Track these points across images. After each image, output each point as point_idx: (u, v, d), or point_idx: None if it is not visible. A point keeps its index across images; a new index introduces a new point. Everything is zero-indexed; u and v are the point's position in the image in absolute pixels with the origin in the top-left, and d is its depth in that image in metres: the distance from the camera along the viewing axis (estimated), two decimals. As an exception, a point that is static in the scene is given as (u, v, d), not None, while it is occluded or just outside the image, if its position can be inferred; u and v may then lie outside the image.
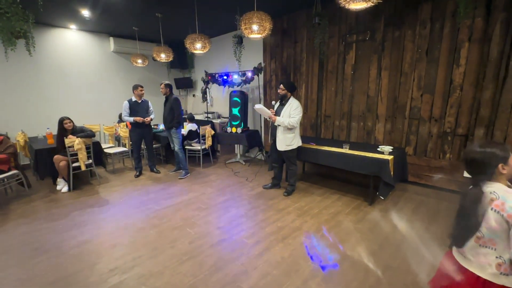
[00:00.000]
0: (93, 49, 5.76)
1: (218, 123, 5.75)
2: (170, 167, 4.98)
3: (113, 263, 2.21)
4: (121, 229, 2.79)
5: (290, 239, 2.57)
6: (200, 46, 3.77)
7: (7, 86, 4.78)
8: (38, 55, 4.80)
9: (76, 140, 3.69)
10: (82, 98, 5.71)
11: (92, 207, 3.32)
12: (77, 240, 2.58)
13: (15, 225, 2.88)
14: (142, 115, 4.26)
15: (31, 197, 3.64)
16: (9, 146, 3.44)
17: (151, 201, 3.48)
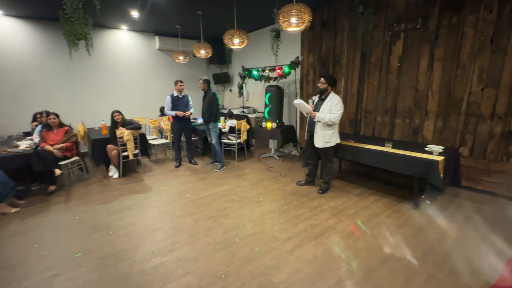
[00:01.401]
0: (140, 48, 6.22)
1: (253, 117, 5.80)
2: (207, 159, 5.20)
3: (155, 246, 2.40)
4: (162, 214, 3.01)
5: (323, 238, 2.50)
6: (238, 42, 3.82)
7: (70, 83, 5.44)
8: (94, 54, 5.35)
9: (125, 131, 4.05)
10: (130, 93, 6.23)
11: (138, 193, 3.64)
12: (124, 221, 2.85)
13: (75, 204, 3.30)
14: (182, 109, 4.50)
15: (88, 181, 4.13)
16: (72, 136, 3.93)
17: (189, 190, 3.68)
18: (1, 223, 2.85)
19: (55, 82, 5.30)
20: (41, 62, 5.12)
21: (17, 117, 4.91)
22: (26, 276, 2.04)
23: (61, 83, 5.36)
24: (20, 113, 4.91)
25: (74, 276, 2.04)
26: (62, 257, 2.26)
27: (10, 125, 4.84)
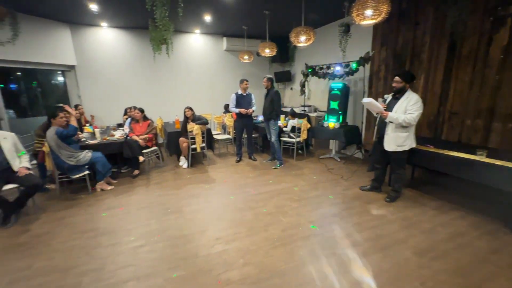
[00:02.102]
0: (210, 49, 6.72)
1: (315, 116, 5.64)
2: (266, 156, 5.30)
3: (218, 234, 2.58)
4: (224, 205, 3.21)
5: (391, 250, 2.27)
6: (304, 39, 3.75)
7: (153, 82, 6.27)
8: (172, 57, 6.00)
9: (195, 126, 4.45)
10: (199, 91, 6.81)
11: (203, 183, 3.97)
12: (192, 207, 3.15)
13: (154, 188, 3.80)
14: (245, 106, 4.68)
15: (163, 168, 4.70)
16: (153, 128, 4.54)
17: (248, 185, 3.83)
18: (100, 198, 3.49)
19: (141, 81, 6.18)
20: (131, 65, 6.04)
21: (113, 111, 5.91)
22: (118, 243, 2.45)
23: (145, 83, 6.22)
24: (115, 108, 5.90)
25: (153, 249, 2.35)
26: (144, 232, 2.63)
27: (107, 118, 5.88)
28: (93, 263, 2.17)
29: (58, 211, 3.11)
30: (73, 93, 5.75)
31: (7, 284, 1.95)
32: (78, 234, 2.61)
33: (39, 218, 2.95)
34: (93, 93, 5.84)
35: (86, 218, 2.93)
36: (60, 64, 5.30)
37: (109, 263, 2.16)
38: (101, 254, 2.29)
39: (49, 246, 2.42)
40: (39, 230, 2.69)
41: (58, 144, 3.25)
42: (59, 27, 5.18)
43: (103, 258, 2.24)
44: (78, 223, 2.83)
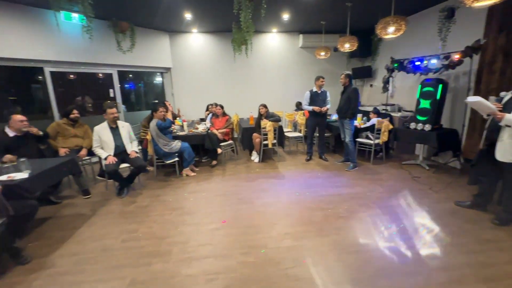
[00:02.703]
0: (285, 47, 6.79)
1: (398, 117, 5.02)
2: (337, 157, 5.04)
3: (287, 229, 2.61)
4: (293, 202, 3.22)
5: (499, 284, 1.84)
6: (393, 30, 3.37)
7: (231, 81, 6.77)
8: (250, 56, 6.32)
9: (268, 123, 4.60)
10: (272, 88, 6.98)
11: (273, 178, 4.08)
12: (262, 200, 3.28)
13: (228, 178, 4.13)
14: (319, 104, 4.55)
15: (237, 161, 5.05)
16: (230, 123, 4.92)
17: (318, 185, 3.73)
18: (185, 182, 4.02)
19: (221, 80, 6.77)
20: (213, 66, 6.67)
21: (197, 106, 6.67)
22: (199, 223, 2.78)
23: (225, 81, 6.79)
24: (198, 104, 6.64)
25: (227, 233, 2.58)
26: (220, 217, 2.91)
27: (192, 113, 6.67)
28: (180, 237, 2.53)
29: (155, 189, 3.75)
30: (168, 91, 6.77)
31: (122, 241, 2.48)
32: (169, 210, 3.09)
33: (142, 193, 3.62)
34: (183, 91, 6.73)
35: (175, 198, 3.44)
36: (160, 66, 6.31)
37: (192, 239, 2.48)
38: (186, 230, 2.65)
39: (149, 217, 2.95)
40: (142, 203, 3.31)
41: (157, 133, 3.90)
42: (161, 36, 6.16)
43: (187, 234, 2.58)
44: (169, 201, 3.35)
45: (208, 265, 2.12)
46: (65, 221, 2.90)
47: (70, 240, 2.52)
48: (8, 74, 4.80)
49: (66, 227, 2.75)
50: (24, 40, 4.20)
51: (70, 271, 2.09)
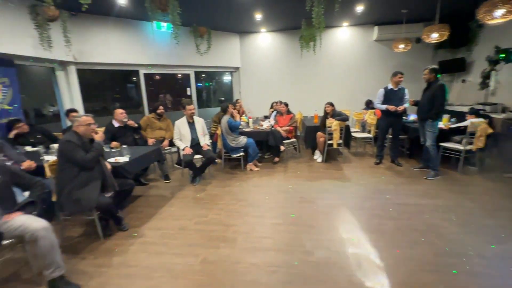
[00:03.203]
0: (356, 41, 6.35)
1: (501, 118, 4.12)
2: (414, 162, 4.48)
3: (351, 234, 2.48)
4: (359, 207, 3.03)
5: None
6: (502, 13, 2.77)
7: (296, 78, 6.73)
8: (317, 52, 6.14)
9: (334, 122, 4.42)
10: (340, 86, 6.64)
11: (337, 179, 3.90)
12: (325, 201, 3.19)
13: (290, 176, 4.15)
14: (395, 103, 4.11)
15: (299, 159, 5.02)
16: (294, 121, 4.92)
17: (389, 192, 3.40)
18: (249, 176, 4.23)
19: (287, 78, 6.80)
20: (279, 64, 6.75)
21: (261, 104, 6.88)
22: (262, 216, 2.90)
23: (290, 79, 6.79)
24: (263, 101, 6.84)
25: (289, 230, 2.61)
26: (282, 212, 2.96)
27: (257, 110, 6.91)
28: (244, 227, 2.69)
29: (223, 180, 4.07)
30: (235, 89, 7.19)
31: (195, 223, 2.79)
32: (235, 200, 3.31)
33: (211, 182, 3.98)
34: (249, 89, 7.04)
35: (240, 190, 3.66)
36: (230, 66, 6.75)
37: (255, 231, 2.61)
38: (250, 221, 2.81)
39: (217, 204, 3.23)
40: (211, 192, 3.64)
41: (227, 130, 4.21)
42: (232, 37, 6.57)
43: (251, 224, 2.73)
44: (235, 192, 3.59)
45: (270, 257, 2.20)
46: (152, 200, 3.43)
47: (155, 216, 2.97)
48: (112, 76, 5.92)
49: (152, 205, 3.26)
50: (125, 48, 5.09)
51: (156, 242, 2.48)
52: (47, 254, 1.81)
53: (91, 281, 1.98)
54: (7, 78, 3.63)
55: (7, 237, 1.79)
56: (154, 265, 2.15)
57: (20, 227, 1.79)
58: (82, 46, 4.55)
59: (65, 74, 4.67)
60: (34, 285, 1.96)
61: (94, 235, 2.58)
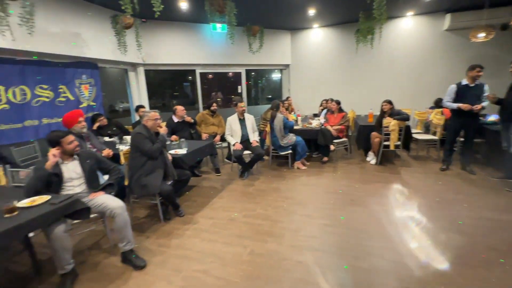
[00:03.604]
0: (422, 32, 5.67)
1: None
2: (491, 171, 3.83)
3: (411, 246, 2.26)
4: (417, 217, 2.73)
5: None
6: None
7: (350, 74, 6.37)
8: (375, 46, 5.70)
9: (392, 121, 4.06)
10: (401, 82, 6.04)
11: (394, 184, 3.59)
12: (378, 207, 2.96)
13: (340, 177, 3.97)
14: (471, 101, 3.56)
15: (349, 160, 4.77)
16: (346, 120, 4.68)
17: (459, 203, 2.98)
18: (296, 174, 4.19)
19: (339, 74, 6.48)
20: (331, 60, 6.46)
21: (311, 102, 6.71)
22: (309, 215, 2.85)
23: (343, 75, 6.46)
24: (313, 99, 6.66)
25: (337, 232, 2.51)
26: (330, 214, 2.86)
27: (306, 107, 6.77)
28: (291, 224, 2.69)
29: (270, 177, 4.12)
30: (285, 87, 7.16)
31: (244, 216, 2.90)
32: (282, 198, 3.33)
33: (259, 178, 4.07)
34: (298, 86, 6.94)
35: (287, 187, 3.66)
36: (280, 64, 6.75)
37: (303, 229, 2.58)
38: (297, 219, 2.79)
39: (264, 200, 3.29)
40: (259, 187, 3.72)
41: (281, 128, 4.20)
42: (283, 34, 6.54)
43: (298, 223, 2.71)
44: (282, 189, 3.61)
45: (318, 257, 2.15)
46: (204, 191, 3.68)
47: (207, 206, 3.18)
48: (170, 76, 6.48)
49: (205, 195, 3.49)
50: (184, 49, 5.52)
51: (208, 230, 2.66)
52: (121, 230, 2.10)
53: (154, 258, 2.24)
54: (92, 79, 4.29)
55: (93, 212, 2.13)
56: (206, 251, 2.31)
57: (102, 204, 2.12)
58: (149, 49, 5.09)
59: (135, 75, 5.30)
60: (111, 255, 2.30)
61: (156, 218, 2.90)
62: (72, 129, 2.76)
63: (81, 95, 4.13)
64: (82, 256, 2.31)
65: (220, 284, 1.92)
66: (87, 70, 4.18)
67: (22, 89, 3.36)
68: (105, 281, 1.99)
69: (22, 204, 1.72)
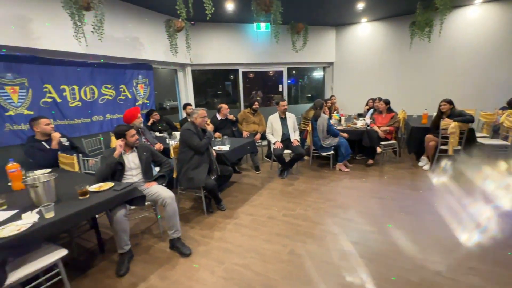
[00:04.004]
0: (493, 21, 4.95)
1: None
2: None
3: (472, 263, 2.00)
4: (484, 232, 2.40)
5: None
6: None
7: (402, 72, 5.89)
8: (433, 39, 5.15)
9: (452, 123, 3.64)
10: (464, 80, 5.37)
11: (452, 193, 3.22)
12: (434, 216, 2.68)
13: (387, 182, 3.71)
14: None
15: (398, 164, 4.41)
16: (396, 121, 4.34)
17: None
18: (338, 176, 4.03)
19: (389, 72, 6.03)
20: (381, 56, 6.04)
21: (355, 101, 6.37)
22: (351, 220, 2.72)
23: (393, 73, 5.99)
24: (357, 98, 6.31)
25: (384, 241, 2.35)
26: (375, 220, 2.69)
27: (349, 107, 6.45)
28: (333, 227, 2.60)
29: (310, 177, 4.04)
30: (327, 85, 6.93)
31: (283, 215, 2.90)
32: (323, 199, 3.24)
33: (298, 178, 4.02)
34: (342, 84, 6.65)
35: (328, 189, 3.54)
36: (324, 61, 6.54)
37: (345, 233, 2.48)
38: (339, 222, 2.69)
39: (305, 201, 3.24)
40: (299, 187, 3.68)
41: (324, 128, 4.09)
42: (328, 31, 6.32)
43: (340, 226, 2.61)
44: (322, 191, 3.51)
45: (362, 264, 2.05)
46: (244, 187, 3.77)
47: (247, 203, 3.26)
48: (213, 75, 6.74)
49: (245, 192, 3.58)
50: (229, 49, 5.69)
51: (248, 225, 2.72)
52: (171, 218, 2.27)
53: (199, 247, 2.37)
54: (147, 78, 4.70)
55: (147, 200, 2.34)
56: (246, 246, 2.37)
57: (156, 193, 2.32)
58: (196, 50, 5.38)
59: (183, 74, 5.65)
60: (160, 240, 2.51)
61: (200, 210, 3.06)
62: (132, 124, 3.07)
63: (137, 93, 4.56)
64: (136, 239, 2.56)
65: (259, 280, 1.95)
66: (143, 70, 4.60)
67: (92, 89, 3.84)
68: (156, 263, 2.18)
69: (92, 189, 1.98)
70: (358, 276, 1.93)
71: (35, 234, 1.50)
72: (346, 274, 1.96)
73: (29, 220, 1.54)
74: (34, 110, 3.20)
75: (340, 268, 2.02)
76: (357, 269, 2.00)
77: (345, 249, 2.26)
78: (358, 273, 1.96)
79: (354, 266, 2.03)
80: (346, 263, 2.08)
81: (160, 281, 1.98)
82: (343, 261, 2.10)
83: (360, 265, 2.04)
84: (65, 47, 3.34)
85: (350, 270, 2.00)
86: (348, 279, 1.91)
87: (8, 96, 3.00)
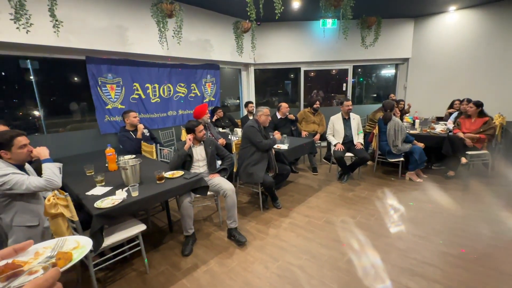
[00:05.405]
0: None
1: None
2: None
3: None
4: None
5: None
6: None
7: (502, 69, 4.83)
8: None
9: None
10: None
11: None
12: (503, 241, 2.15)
13: (472, 198, 3.12)
14: None
15: (489, 179, 3.67)
16: (490, 128, 3.60)
17: None
18: (408, 186, 3.59)
19: (483, 69, 5.04)
20: (473, 50, 5.08)
21: (435, 103, 5.55)
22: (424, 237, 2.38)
23: (488, 70, 4.98)
24: (438, 99, 5.48)
25: (467, 267, 1.98)
26: (454, 242, 2.30)
27: (426, 109, 5.65)
28: (400, 243, 2.33)
29: (373, 184, 3.71)
30: (400, 84, 6.22)
31: (341, 222, 2.74)
32: (387, 210, 2.93)
33: (360, 184, 3.74)
34: (419, 83, 5.88)
35: (395, 200, 3.19)
36: (397, 58, 5.89)
37: (414, 252, 2.19)
38: (408, 238, 2.39)
39: (366, 209, 2.99)
40: (360, 194, 3.42)
41: (395, 132, 3.69)
42: (405, 24, 5.65)
43: (409, 243, 2.32)
44: (387, 200, 3.18)
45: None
46: (301, 188, 3.70)
47: (303, 204, 3.19)
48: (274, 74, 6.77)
49: (301, 193, 3.52)
50: (292, 47, 5.64)
51: (303, 227, 2.67)
52: (230, 209, 2.40)
53: (254, 241, 2.44)
54: (214, 78, 5.06)
55: (210, 190, 2.52)
56: (301, 247, 2.33)
57: (218, 184, 2.48)
58: (260, 50, 5.51)
59: (247, 74, 5.87)
60: (219, 229, 2.68)
61: (256, 205, 3.15)
62: (201, 119, 3.35)
63: (205, 91, 4.95)
64: (199, 225, 2.79)
65: (314, 283, 1.90)
66: (211, 70, 4.97)
67: (169, 87, 4.34)
68: (215, 250, 2.34)
69: (167, 175, 2.24)
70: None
71: (124, 208, 1.79)
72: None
73: (120, 196, 1.84)
74: (125, 105, 3.80)
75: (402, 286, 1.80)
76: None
77: (415, 269, 2.00)
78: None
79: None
80: (415, 285, 1.84)
81: (219, 267, 2.12)
82: (412, 282, 1.87)
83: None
84: (151, 51, 3.85)
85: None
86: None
87: (108, 93, 3.64)
